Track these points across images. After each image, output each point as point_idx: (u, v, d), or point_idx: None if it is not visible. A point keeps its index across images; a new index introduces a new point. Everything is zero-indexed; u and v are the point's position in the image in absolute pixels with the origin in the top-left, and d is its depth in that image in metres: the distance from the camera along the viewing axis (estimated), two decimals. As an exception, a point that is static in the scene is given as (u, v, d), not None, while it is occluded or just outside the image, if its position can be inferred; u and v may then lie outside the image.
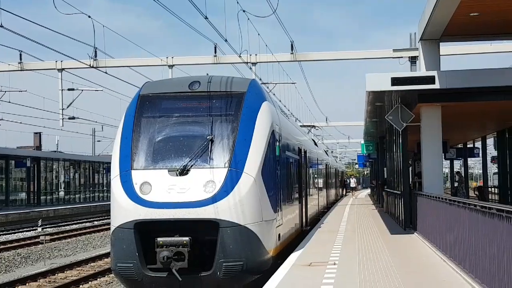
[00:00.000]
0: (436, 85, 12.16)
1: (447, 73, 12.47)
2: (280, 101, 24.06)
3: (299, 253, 10.69)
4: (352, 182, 47.26)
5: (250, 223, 8.89)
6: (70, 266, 15.33)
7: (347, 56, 23.75)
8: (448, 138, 23.27)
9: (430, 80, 12.18)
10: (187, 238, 8.60)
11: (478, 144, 27.89)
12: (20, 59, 23.72)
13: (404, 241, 12.45)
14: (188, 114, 9.83)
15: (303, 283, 7.92)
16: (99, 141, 57.37)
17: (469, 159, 30.59)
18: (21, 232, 25.72)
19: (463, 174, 26.75)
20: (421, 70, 14.13)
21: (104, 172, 46.52)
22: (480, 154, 27.21)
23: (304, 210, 15.53)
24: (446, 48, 20.08)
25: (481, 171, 35.31)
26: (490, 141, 27.82)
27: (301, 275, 8.51)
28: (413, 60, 20.91)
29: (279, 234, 10.27)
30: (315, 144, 25.64)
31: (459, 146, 29.71)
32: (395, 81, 12.23)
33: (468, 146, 29.20)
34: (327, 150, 44.75)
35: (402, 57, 21.59)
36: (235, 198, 8.81)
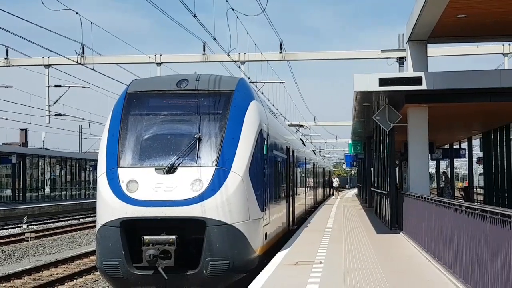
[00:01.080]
0: (423, 86, 12.24)
1: (434, 74, 12.56)
2: (268, 100, 24.09)
3: (286, 252, 10.71)
4: (335, 182, 46.57)
5: (237, 222, 8.89)
6: (55, 264, 15.23)
7: (335, 56, 23.82)
8: (434, 139, 23.46)
9: (417, 81, 12.25)
10: (173, 237, 8.58)
11: (464, 145, 28.13)
12: (7, 54, 23.51)
13: (390, 241, 12.53)
14: (176, 112, 9.80)
15: (289, 282, 7.94)
16: (85, 138, 57.03)
17: (455, 159, 30.85)
18: (6, 229, 25.48)
19: (449, 175, 26.94)
20: (409, 71, 14.21)
21: (91, 169, 46.25)
22: (466, 155, 27.45)
23: (291, 209, 15.56)
24: (433, 49, 20.22)
25: (467, 172, 35.62)
26: (476, 142, 28.08)
27: (287, 274, 8.53)
28: (401, 61, 21.03)
29: (266, 233, 10.29)
30: (303, 143, 25.70)
31: (446, 146, 29.94)
32: (383, 81, 12.29)
33: (454, 146, 29.44)
34: (315, 150, 44.84)
35: (390, 57, 21.70)
36: (222, 197, 8.81)
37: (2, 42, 35.37)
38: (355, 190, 56.83)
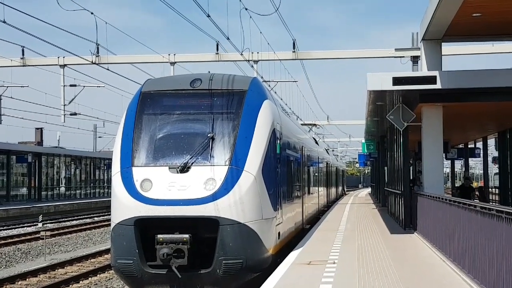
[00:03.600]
0: (438, 85, 12.16)
1: (448, 73, 12.46)
2: (281, 99, 24.08)
3: (299, 252, 10.71)
4: None
5: (250, 221, 8.90)
6: (70, 262, 15.36)
7: (349, 55, 23.75)
8: (449, 138, 23.26)
9: (432, 80, 12.17)
10: (187, 236, 8.62)
11: (479, 145, 27.88)
12: (23, 54, 23.76)
13: (404, 241, 12.47)
14: (189, 111, 9.84)
15: (302, 281, 7.94)
16: (100, 137, 57.47)
17: (470, 159, 30.57)
18: (21, 227, 25.76)
19: (464, 175, 26.67)
20: (423, 70, 14.12)
21: (105, 168, 46.59)
22: (481, 155, 27.20)
23: (304, 208, 15.55)
24: (448, 48, 20.07)
25: (482, 172, 35.28)
26: (491, 142, 27.78)
27: (300, 273, 8.52)
28: (415, 59, 20.90)
29: (279, 233, 10.29)
30: (316, 142, 25.66)
31: (460, 146, 29.69)
32: (397, 80, 12.22)
33: (469, 146, 29.18)
34: (328, 149, 44.69)
35: (404, 56, 21.58)
36: (235, 196, 8.83)
37: (18, 42, 35.76)
38: (369, 190, 56.59)
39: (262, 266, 9.12)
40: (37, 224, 26.06)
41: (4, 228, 25.12)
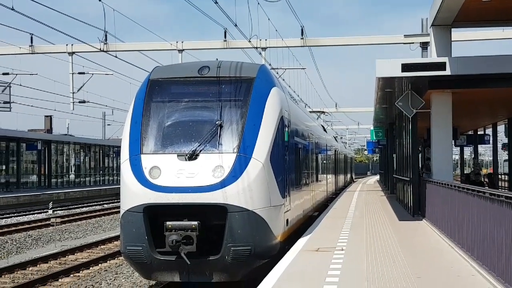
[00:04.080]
0: (447, 72, 12.07)
1: (458, 60, 12.37)
2: (289, 86, 24.03)
3: (307, 239, 10.75)
4: None
5: (258, 208, 8.93)
6: (81, 248, 15.52)
7: (358, 41, 23.60)
8: (458, 125, 23.15)
9: (441, 66, 12.08)
10: (195, 222, 8.67)
11: (489, 131, 27.73)
12: (31, 42, 23.84)
13: (412, 228, 12.47)
14: (198, 99, 9.85)
15: (310, 268, 7.98)
16: (109, 124, 57.80)
17: (479, 146, 30.44)
18: (32, 214, 26.01)
19: (473, 161, 26.56)
20: (432, 56, 14.02)
21: (114, 155, 46.84)
22: (491, 141, 27.06)
23: (312, 195, 15.57)
24: (458, 34, 19.89)
25: (491, 158, 35.11)
26: (501, 128, 27.64)
27: (309, 260, 8.56)
28: (424, 46, 20.74)
29: (287, 220, 10.32)
30: (324, 130, 25.61)
31: (470, 132, 29.56)
32: (406, 67, 12.15)
33: (478, 133, 29.04)
34: (336, 136, 44.61)
35: (413, 42, 21.43)
36: (244, 183, 8.85)
37: (26, 30, 35.79)
38: (377, 177, 56.54)
39: (271, 253, 9.16)
40: (48, 211, 26.29)
41: (15, 214, 25.37)
